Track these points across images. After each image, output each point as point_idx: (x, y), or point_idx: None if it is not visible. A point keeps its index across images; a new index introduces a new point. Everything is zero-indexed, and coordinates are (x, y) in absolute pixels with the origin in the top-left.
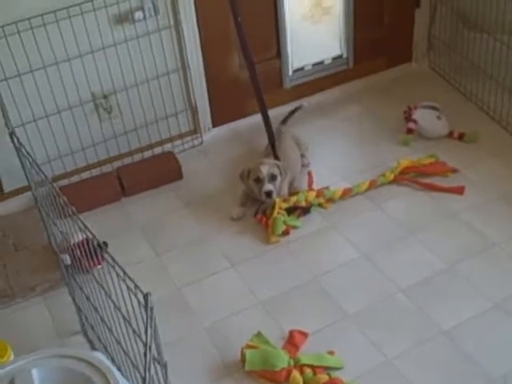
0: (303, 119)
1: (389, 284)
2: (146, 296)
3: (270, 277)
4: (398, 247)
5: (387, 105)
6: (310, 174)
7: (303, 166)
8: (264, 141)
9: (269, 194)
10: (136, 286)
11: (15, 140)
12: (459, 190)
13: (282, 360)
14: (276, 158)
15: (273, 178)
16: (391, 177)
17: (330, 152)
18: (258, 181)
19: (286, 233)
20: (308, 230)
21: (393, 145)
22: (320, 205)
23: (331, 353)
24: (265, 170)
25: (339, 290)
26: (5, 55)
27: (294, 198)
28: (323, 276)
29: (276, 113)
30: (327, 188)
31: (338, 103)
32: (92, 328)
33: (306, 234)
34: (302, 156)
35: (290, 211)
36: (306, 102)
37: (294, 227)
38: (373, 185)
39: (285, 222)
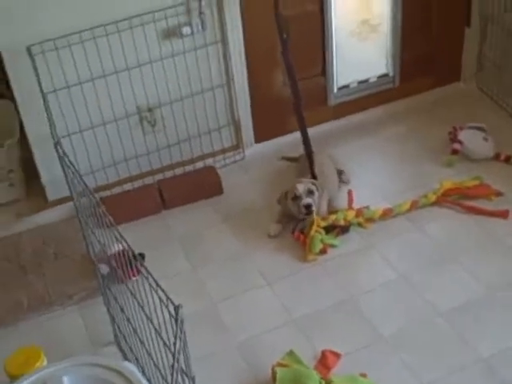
0: (345, 138)
1: (427, 307)
2: (176, 308)
3: (305, 295)
4: (438, 270)
5: (432, 125)
6: (350, 192)
7: (343, 182)
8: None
9: (308, 207)
10: (167, 298)
11: (59, 150)
12: (503, 214)
13: (314, 380)
14: (313, 176)
15: (310, 192)
16: (433, 198)
17: (372, 171)
18: (296, 198)
19: (323, 251)
20: (346, 249)
21: (436, 166)
22: (359, 224)
23: (364, 375)
24: (301, 187)
25: (375, 312)
26: (55, 67)
27: (332, 217)
28: (359, 296)
29: (319, 130)
30: (367, 207)
31: (381, 122)
32: (125, 339)
33: (344, 253)
34: (341, 173)
35: (329, 230)
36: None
37: (332, 246)
38: (414, 206)
39: (322, 241)
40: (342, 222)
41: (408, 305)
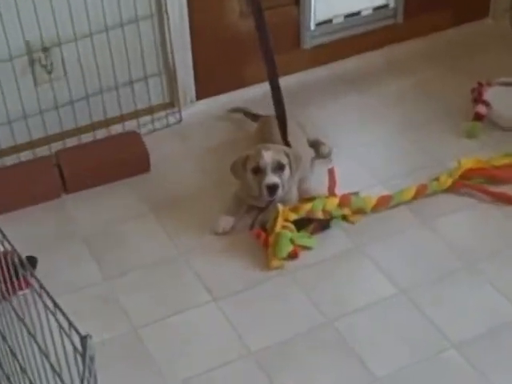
0: (325, 94)
1: (437, 336)
2: (83, 339)
3: (268, 317)
4: (452, 283)
5: (448, 78)
6: (331, 172)
7: (322, 157)
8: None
9: (273, 188)
10: (70, 324)
11: None
12: None
13: None
14: (285, 141)
15: (279, 167)
16: (448, 182)
17: (363, 143)
18: (258, 171)
19: (293, 255)
20: (325, 254)
21: (452, 136)
22: (344, 218)
23: None
24: (268, 156)
25: (365, 341)
26: None
27: (306, 206)
28: (343, 320)
29: (288, 83)
30: (356, 194)
31: (377, 74)
32: (8, 379)
33: (322, 259)
34: (319, 145)
35: (301, 225)
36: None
37: (306, 248)
38: (421, 192)
39: (292, 241)
40: (319, 215)
41: (411, 332)
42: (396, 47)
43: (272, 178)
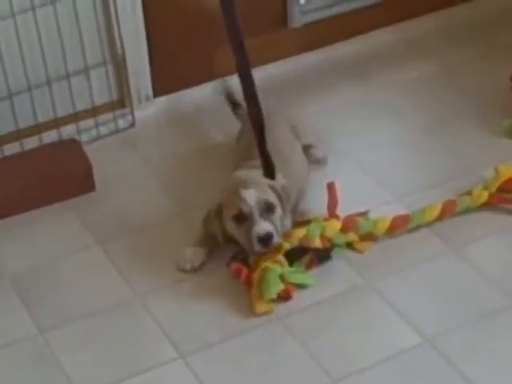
0: (321, 86)
1: None
2: None
3: (252, 378)
4: (491, 328)
5: (479, 63)
6: (331, 187)
7: (316, 162)
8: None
9: (266, 239)
10: None
11: None
12: None
13: None
14: (265, 158)
15: (268, 208)
16: (483, 196)
17: (371, 146)
18: (241, 218)
19: (284, 296)
20: (325, 293)
21: (488, 136)
22: (350, 245)
23: None
24: (251, 198)
25: None
26: None
27: (299, 233)
28: (350, 380)
29: (273, 72)
30: (364, 215)
31: (387, 58)
32: None
33: (321, 300)
34: (309, 148)
35: (294, 257)
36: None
37: (301, 286)
38: (448, 210)
39: (283, 277)
40: (317, 243)
41: None
42: (410, 24)
43: (263, 226)
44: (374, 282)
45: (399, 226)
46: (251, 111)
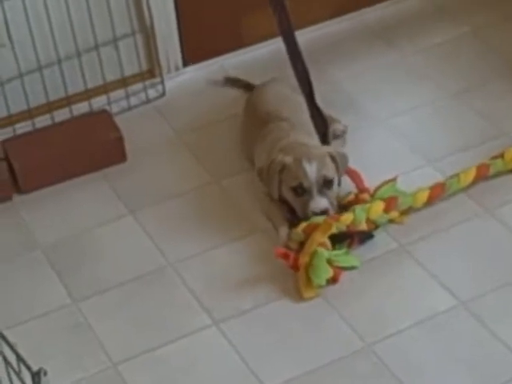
0: (351, 51)
1: (506, 358)
2: (35, 375)
3: (283, 345)
4: None
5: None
6: (352, 172)
7: (335, 137)
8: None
9: (322, 213)
10: (19, 359)
11: None
12: None
13: None
14: (317, 111)
15: (326, 184)
16: None
17: (403, 111)
18: (300, 191)
19: (334, 280)
20: (360, 258)
21: None
22: (391, 221)
23: None
24: (313, 173)
25: (414, 371)
26: None
27: (347, 219)
28: (384, 343)
29: (307, 37)
30: (393, 181)
31: (417, 23)
32: None
33: (363, 275)
34: (331, 120)
35: (337, 240)
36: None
37: (349, 269)
38: (483, 174)
39: (330, 261)
40: (363, 225)
41: (475, 356)
42: None
43: (320, 203)
44: (409, 247)
45: (437, 195)
46: (297, 69)
